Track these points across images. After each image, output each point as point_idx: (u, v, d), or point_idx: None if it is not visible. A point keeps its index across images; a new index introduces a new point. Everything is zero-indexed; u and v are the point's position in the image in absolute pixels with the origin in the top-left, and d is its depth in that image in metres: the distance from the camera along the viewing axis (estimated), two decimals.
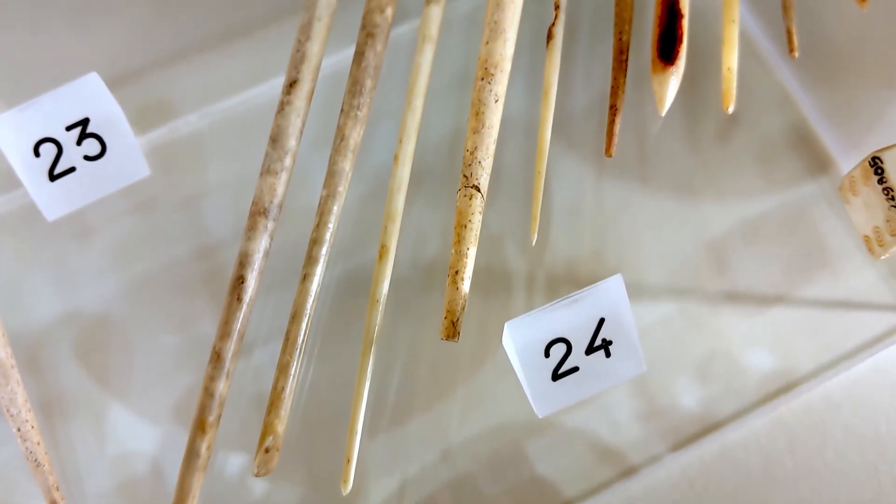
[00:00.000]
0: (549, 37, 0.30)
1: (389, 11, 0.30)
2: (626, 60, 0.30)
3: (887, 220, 0.26)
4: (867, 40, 0.39)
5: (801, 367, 0.34)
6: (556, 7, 0.30)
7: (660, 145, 0.37)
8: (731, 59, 0.29)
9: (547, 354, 0.25)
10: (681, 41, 0.29)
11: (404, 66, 0.35)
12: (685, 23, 0.29)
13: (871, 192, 0.26)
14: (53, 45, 0.43)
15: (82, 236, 0.36)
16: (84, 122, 0.27)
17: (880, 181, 0.26)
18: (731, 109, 0.29)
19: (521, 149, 0.36)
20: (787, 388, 0.34)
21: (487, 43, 0.29)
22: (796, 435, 0.35)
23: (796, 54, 0.29)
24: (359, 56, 0.29)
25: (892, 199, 0.26)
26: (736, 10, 0.30)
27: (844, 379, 0.35)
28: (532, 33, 0.35)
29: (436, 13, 0.30)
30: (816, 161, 0.41)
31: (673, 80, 0.28)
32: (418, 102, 0.29)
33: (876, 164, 0.26)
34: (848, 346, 0.35)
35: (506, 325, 0.25)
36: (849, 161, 0.40)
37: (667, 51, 0.29)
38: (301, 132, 0.29)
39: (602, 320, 0.25)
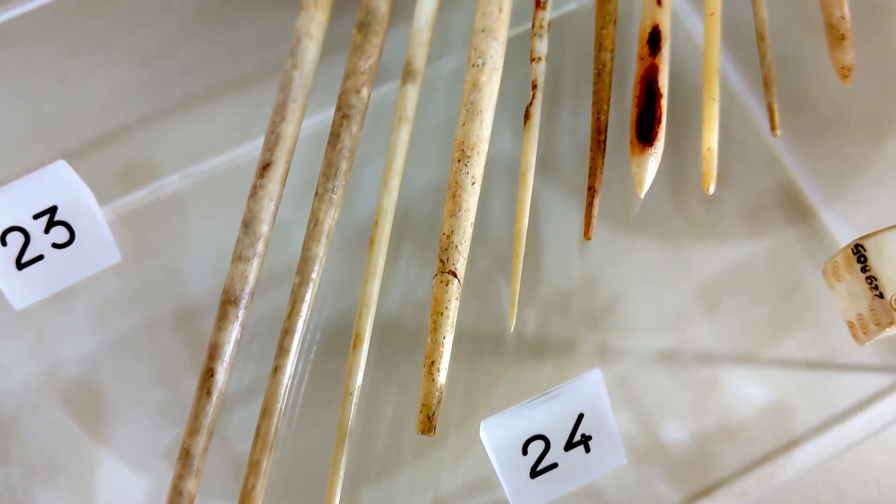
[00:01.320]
0: (527, 117, 0.30)
1: (365, 92, 0.29)
2: (605, 141, 0.29)
3: (871, 310, 0.25)
4: (851, 99, 0.39)
5: (790, 429, 0.33)
6: (534, 87, 0.30)
7: (646, 203, 0.36)
8: (711, 139, 0.29)
9: (525, 452, 0.24)
10: (659, 122, 0.28)
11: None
12: (664, 103, 0.29)
13: (854, 280, 0.26)
14: (36, 104, 0.42)
15: (62, 299, 0.35)
16: (52, 210, 0.27)
17: (863, 269, 0.25)
18: (711, 190, 0.29)
19: (507, 195, 0.36)
20: (776, 452, 0.33)
21: (464, 124, 0.28)
22: (787, 499, 0.35)
23: (778, 132, 0.29)
24: (334, 138, 0.29)
25: (876, 288, 0.25)
26: (716, 89, 0.29)
27: (835, 440, 0.34)
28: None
29: (412, 93, 0.30)
30: (803, 219, 0.41)
31: (651, 163, 0.28)
32: (394, 184, 0.29)
33: (859, 252, 0.25)
34: (837, 407, 0.34)
35: (482, 423, 0.24)
36: (836, 219, 0.40)
37: (645, 132, 0.28)
38: (274, 216, 0.28)
39: (581, 416, 0.25)
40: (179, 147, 0.46)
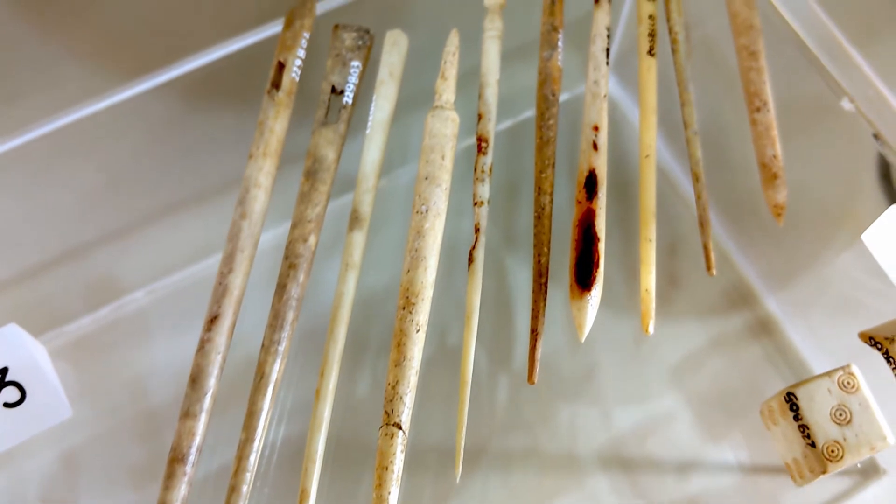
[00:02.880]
0: (470, 259, 0.30)
1: (313, 240, 0.30)
2: (546, 283, 0.30)
3: (805, 457, 0.26)
4: (798, 199, 0.40)
5: None
6: (477, 230, 0.31)
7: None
8: (649, 280, 0.30)
9: None
10: (597, 266, 0.29)
11: None
12: (601, 246, 0.30)
13: (788, 427, 0.26)
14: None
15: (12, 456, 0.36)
16: (3, 371, 0.27)
17: (796, 418, 0.26)
18: (651, 330, 0.29)
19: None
20: None
21: (409, 271, 0.29)
22: None
23: (713, 272, 0.30)
24: (280, 289, 0.29)
25: (808, 437, 0.26)
26: (652, 230, 0.30)
27: None
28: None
29: (359, 240, 0.31)
30: (757, 321, 0.42)
31: (590, 309, 0.29)
32: (341, 332, 0.29)
33: (791, 401, 0.26)
34: None
35: None
36: (789, 320, 0.41)
37: (583, 277, 0.29)
38: (222, 369, 0.29)
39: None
40: (144, 262, 0.46)
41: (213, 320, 0.29)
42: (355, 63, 0.33)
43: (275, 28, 0.35)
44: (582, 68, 0.34)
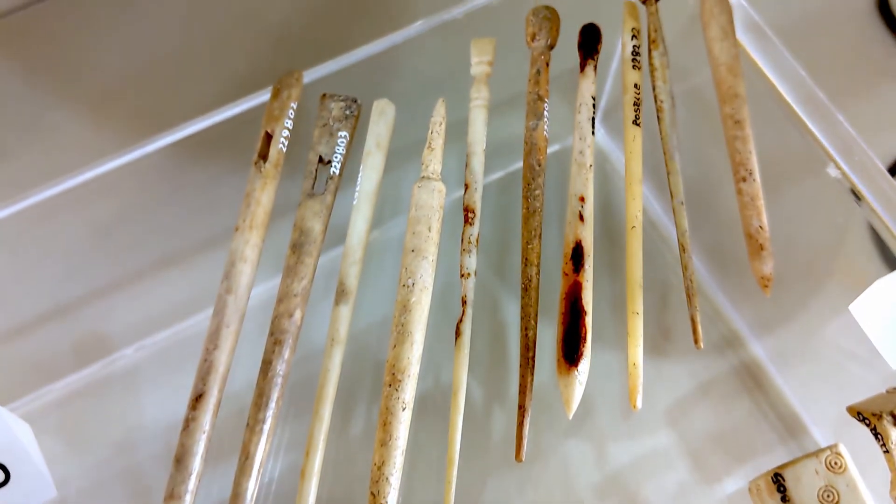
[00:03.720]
0: (457, 333, 0.30)
1: (298, 315, 0.30)
2: (533, 357, 0.30)
3: None
4: (787, 253, 0.40)
5: None
6: (464, 303, 0.31)
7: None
8: (636, 354, 0.30)
9: None
10: (584, 341, 0.29)
11: None
12: (588, 320, 0.30)
13: None
14: None
15: None
16: None
17: (783, 499, 0.26)
18: (638, 405, 0.29)
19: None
20: None
21: (395, 347, 0.29)
22: None
23: (701, 346, 0.30)
24: (265, 365, 0.29)
25: None
26: (639, 303, 0.30)
27: None
28: None
29: (345, 314, 0.30)
30: (749, 373, 0.42)
31: (577, 385, 0.29)
32: (326, 412, 0.29)
33: (778, 481, 0.26)
34: None
35: None
36: (779, 369, 0.41)
37: (570, 352, 0.29)
38: (207, 449, 0.28)
39: None
40: (133, 319, 0.46)
41: (198, 398, 0.28)
42: (342, 133, 0.33)
43: (265, 95, 0.35)
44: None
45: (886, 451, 0.27)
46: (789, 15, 0.56)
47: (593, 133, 0.33)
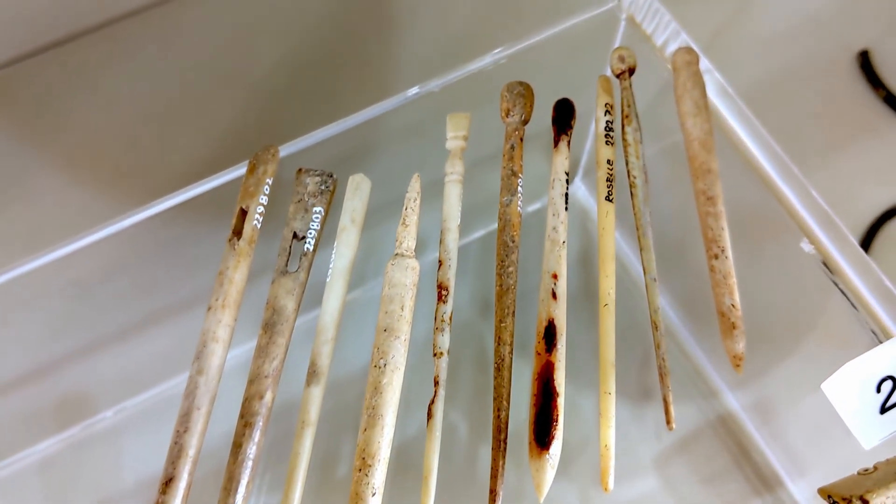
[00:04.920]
0: (429, 415, 0.30)
1: (269, 396, 0.30)
2: (505, 440, 0.30)
3: None
4: (768, 309, 0.40)
5: None
6: (436, 383, 0.31)
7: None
8: (608, 435, 0.29)
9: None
10: (555, 423, 0.29)
11: None
12: (560, 402, 0.29)
13: None
14: None
15: None
16: None
17: None
18: (610, 486, 0.29)
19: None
20: None
21: (365, 430, 0.29)
22: None
23: (673, 427, 0.30)
24: (236, 448, 0.29)
25: None
26: (611, 383, 0.30)
27: None
28: None
29: (316, 394, 0.30)
30: (725, 427, 0.43)
31: (549, 469, 0.28)
32: (295, 497, 0.29)
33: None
34: None
35: None
36: (756, 421, 0.41)
37: (542, 435, 0.29)
38: None
39: None
40: (113, 380, 0.46)
41: (168, 483, 0.28)
42: (318, 209, 0.33)
43: (242, 169, 0.35)
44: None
45: None
46: (771, 71, 0.56)
47: (566, 209, 0.33)
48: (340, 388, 0.40)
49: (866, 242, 0.50)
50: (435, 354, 0.31)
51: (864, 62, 0.56)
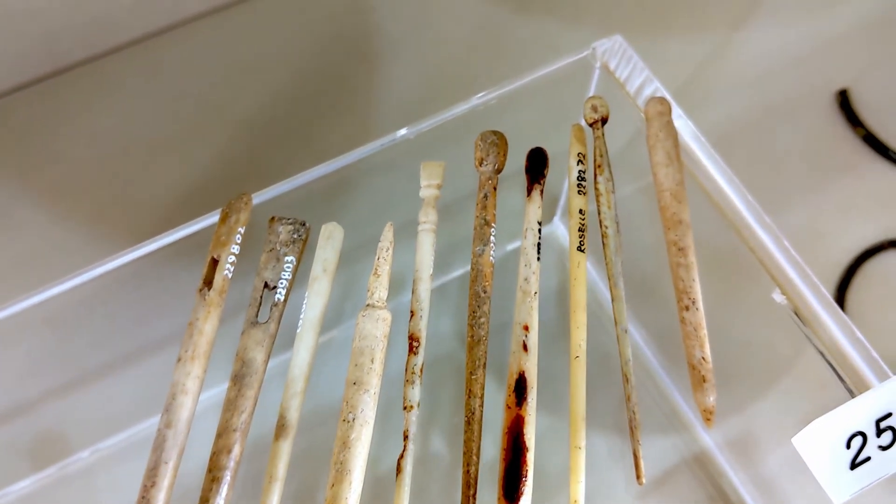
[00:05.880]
0: (398, 469, 0.30)
1: (237, 450, 0.30)
2: (475, 495, 0.29)
3: None
4: (744, 353, 0.40)
5: None
6: (405, 437, 0.30)
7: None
8: (578, 491, 0.29)
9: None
10: (524, 479, 0.29)
11: None
12: (530, 457, 0.29)
13: None
14: None
15: None
16: None
17: None
18: None
19: None
20: None
21: (332, 486, 0.29)
22: None
23: (643, 482, 0.30)
24: (203, 502, 0.29)
25: None
26: (581, 437, 0.30)
27: None
28: None
29: (284, 450, 0.30)
30: (709, 478, 0.43)
31: None
32: None
33: None
34: None
35: None
36: (736, 467, 0.41)
37: (511, 490, 0.29)
38: None
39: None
40: (90, 420, 0.46)
41: None
42: (289, 258, 0.33)
43: (215, 217, 0.35)
44: None
45: None
46: (750, 110, 0.56)
47: (538, 258, 0.33)
48: (312, 432, 0.40)
49: (845, 282, 0.50)
50: (405, 408, 0.31)
51: (843, 101, 0.56)
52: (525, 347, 0.31)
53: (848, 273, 0.51)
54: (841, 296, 0.50)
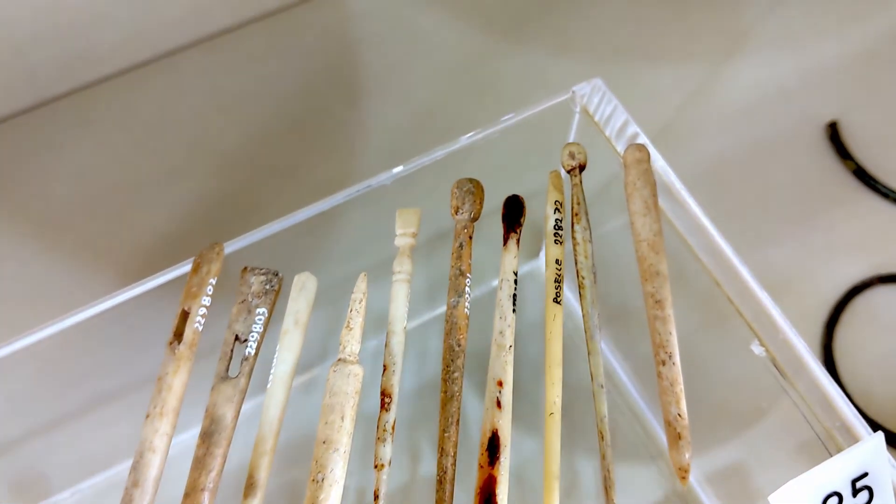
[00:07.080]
0: None
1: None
2: None
3: None
4: (729, 388, 0.40)
5: None
6: (376, 497, 0.30)
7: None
8: None
9: None
10: None
11: None
12: None
13: None
14: None
15: None
16: None
17: None
18: None
19: None
20: None
21: None
22: None
23: None
24: None
25: None
26: (555, 496, 0.30)
27: None
28: None
29: None
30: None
31: None
32: None
33: None
34: None
35: None
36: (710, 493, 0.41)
37: None
38: None
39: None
40: (71, 461, 0.46)
41: None
42: (261, 310, 0.33)
43: (187, 266, 0.35)
44: None
45: None
46: (741, 145, 0.56)
47: (514, 310, 0.33)
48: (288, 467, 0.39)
49: (834, 318, 0.50)
50: (376, 466, 0.30)
51: (833, 134, 0.56)
52: (499, 404, 0.31)
53: (836, 309, 0.50)
54: (829, 332, 0.49)
